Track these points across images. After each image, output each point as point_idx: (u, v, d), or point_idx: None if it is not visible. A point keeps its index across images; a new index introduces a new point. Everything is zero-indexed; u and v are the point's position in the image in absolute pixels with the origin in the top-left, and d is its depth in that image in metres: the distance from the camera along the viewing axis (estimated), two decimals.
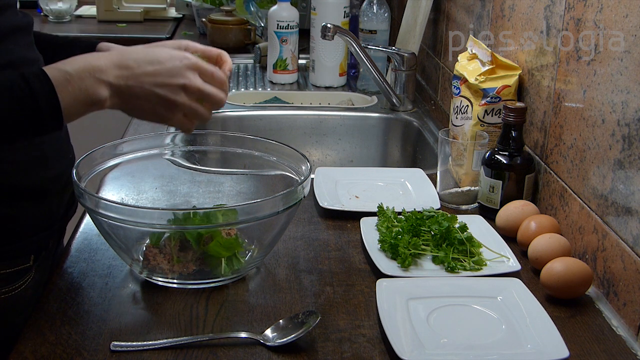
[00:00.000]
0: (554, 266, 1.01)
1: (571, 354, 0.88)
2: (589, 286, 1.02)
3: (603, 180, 1.03)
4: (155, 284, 1.02)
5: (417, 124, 1.81)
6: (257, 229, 1.06)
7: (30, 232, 1.05)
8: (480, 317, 0.97)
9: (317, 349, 0.90)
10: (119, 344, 0.89)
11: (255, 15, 2.49)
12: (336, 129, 1.86)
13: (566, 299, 1.02)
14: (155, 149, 1.17)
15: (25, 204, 1.03)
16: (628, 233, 0.96)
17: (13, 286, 1.03)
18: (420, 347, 0.89)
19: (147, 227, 0.97)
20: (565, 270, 1.00)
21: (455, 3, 1.79)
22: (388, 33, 2.04)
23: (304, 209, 1.28)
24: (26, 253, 1.05)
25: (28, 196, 1.03)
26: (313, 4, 2.04)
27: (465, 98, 1.35)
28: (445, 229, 1.11)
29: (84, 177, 1.04)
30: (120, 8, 2.96)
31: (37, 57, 1.07)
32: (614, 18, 0.99)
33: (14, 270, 1.03)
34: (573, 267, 1.01)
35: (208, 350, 0.89)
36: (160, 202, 1.20)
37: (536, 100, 1.27)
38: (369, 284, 1.04)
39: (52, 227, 1.10)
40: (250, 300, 1.01)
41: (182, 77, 0.92)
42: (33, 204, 1.04)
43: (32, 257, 1.06)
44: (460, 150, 1.29)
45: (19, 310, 1.03)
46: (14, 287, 1.03)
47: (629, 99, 0.96)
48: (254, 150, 1.18)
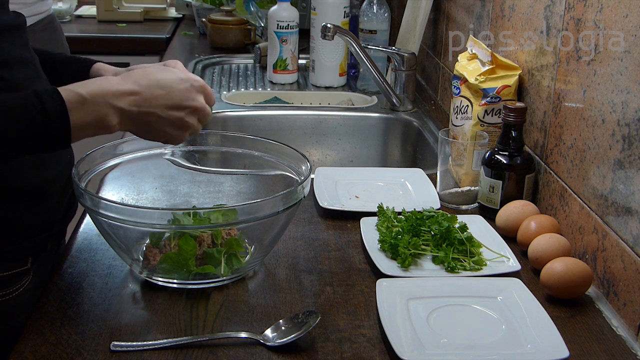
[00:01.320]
0: (554, 266, 1.01)
1: (571, 354, 0.88)
2: (589, 286, 1.02)
3: (603, 180, 1.03)
4: (155, 284, 1.02)
5: (417, 124, 1.81)
6: (257, 229, 1.06)
7: (28, 235, 1.04)
8: (480, 317, 0.97)
9: (317, 349, 0.90)
10: (119, 344, 0.89)
11: (255, 15, 2.49)
12: (336, 129, 1.86)
13: (566, 299, 1.02)
14: (155, 149, 1.17)
15: (21, 205, 1.02)
16: (628, 233, 0.96)
17: (10, 289, 1.02)
18: (420, 347, 0.89)
19: (147, 227, 0.97)
20: (565, 271, 1.00)
21: (455, 3, 1.79)
22: (388, 33, 2.04)
23: (304, 209, 1.28)
24: (23, 256, 1.04)
25: (25, 198, 1.03)
26: (313, 4, 2.04)
27: (465, 98, 1.35)
28: (445, 229, 1.11)
29: (84, 177, 1.04)
30: (120, 8, 2.96)
31: (32, 57, 1.07)
32: (614, 18, 0.99)
33: (11, 273, 1.02)
34: (573, 267, 1.01)
35: (208, 350, 0.89)
36: (160, 202, 1.20)
37: (536, 100, 1.27)
38: (369, 284, 1.04)
39: (50, 229, 1.09)
40: (250, 300, 1.01)
41: (192, 100, 0.95)
42: (30, 205, 1.04)
43: (30, 260, 1.05)
44: (460, 150, 1.29)
45: (16, 313, 1.03)
46: (11, 290, 1.02)
47: (629, 99, 0.96)
48: (254, 150, 1.18)
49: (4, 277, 1.02)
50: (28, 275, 1.05)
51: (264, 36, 2.41)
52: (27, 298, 1.05)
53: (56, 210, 1.10)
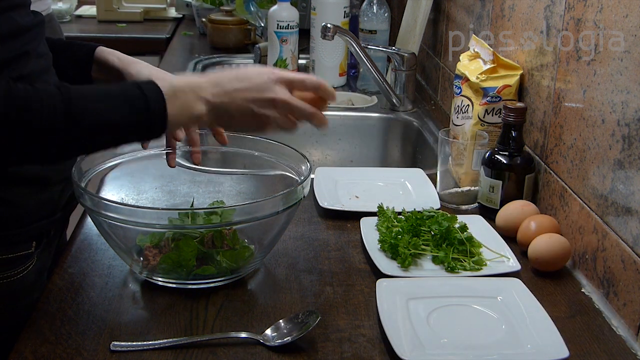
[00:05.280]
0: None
1: (571, 354, 0.88)
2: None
3: (603, 180, 1.03)
4: (155, 284, 1.02)
5: (417, 124, 1.81)
6: (257, 229, 1.06)
7: (32, 219, 1.06)
8: (480, 317, 0.97)
9: (317, 349, 0.90)
10: (119, 344, 0.89)
11: (255, 15, 2.49)
12: (336, 129, 1.86)
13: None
14: (155, 149, 1.17)
15: (26, 190, 1.04)
16: (628, 233, 0.96)
17: (15, 271, 1.04)
18: (420, 347, 0.89)
19: (147, 227, 0.97)
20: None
21: (455, 3, 1.79)
22: (388, 33, 2.04)
23: (304, 209, 1.28)
24: (27, 239, 1.06)
25: (29, 183, 1.05)
26: (313, 4, 2.04)
27: (466, 97, 1.35)
28: (445, 229, 1.11)
29: (84, 177, 1.04)
30: (120, 8, 2.96)
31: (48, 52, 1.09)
32: (614, 18, 0.99)
33: (16, 255, 1.04)
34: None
35: (208, 350, 0.89)
36: (160, 202, 1.20)
37: (536, 100, 1.27)
38: (369, 284, 1.04)
39: (53, 215, 1.11)
40: (250, 300, 1.01)
41: (270, 92, 0.96)
42: (34, 191, 1.06)
43: (34, 244, 1.07)
44: (460, 150, 1.29)
45: (21, 294, 1.06)
46: (16, 271, 1.05)
47: (629, 99, 0.96)
48: (254, 150, 1.18)
49: (8, 259, 1.04)
50: (32, 259, 1.07)
51: (264, 36, 2.41)
52: (32, 281, 1.07)
53: (60, 197, 1.12)
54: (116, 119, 0.88)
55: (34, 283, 1.07)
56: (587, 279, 1.07)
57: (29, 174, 1.04)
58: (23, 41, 0.99)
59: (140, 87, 0.89)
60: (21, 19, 0.98)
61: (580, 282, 1.07)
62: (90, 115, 0.86)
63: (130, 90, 0.89)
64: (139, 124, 0.89)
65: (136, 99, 0.88)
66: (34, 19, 1.04)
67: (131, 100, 0.88)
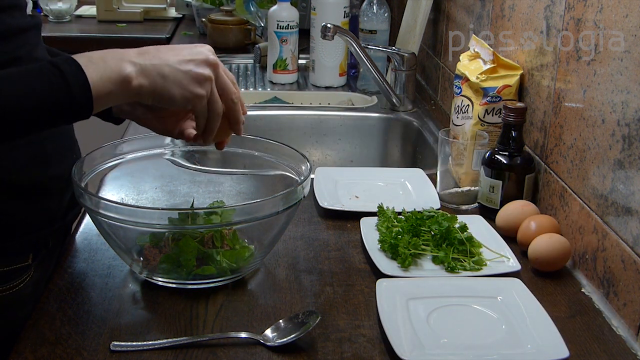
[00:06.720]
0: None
1: (571, 354, 0.88)
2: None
3: (603, 180, 1.03)
4: (155, 284, 1.02)
5: (417, 124, 1.81)
6: (257, 229, 1.06)
7: (29, 230, 1.04)
8: (480, 317, 0.97)
9: (317, 349, 0.90)
10: (119, 344, 0.89)
11: (255, 15, 2.49)
12: (336, 129, 1.86)
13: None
14: (155, 149, 1.17)
15: (23, 201, 1.02)
16: (628, 233, 0.96)
17: (11, 284, 1.03)
18: (420, 347, 0.89)
19: (147, 227, 0.97)
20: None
21: (455, 3, 1.79)
22: (388, 33, 2.04)
23: (304, 209, 1.28)
24: (24, 251, 1.04)
25: (27, 194, 1.03)
26: (313, 4, 2.04)
27: (466, 97, 1.35)
28: (445, 229, 1.11)
29: (84, 177, 1.04)
30: (120, 8, 2.96)
31: (45, 56, 1.07)
32: (614, 18, 0.99)
33: (12, 268, 1.03)
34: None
35: (208, 350, 0.89)
36: (160, 202, 1.20)
37: (536, 100, 1.27)
38: (369, 284, 1.04)
39: (52, 226, 1.09)
40: (250, 300, 1.01)
41: (203, 55, 0.93)
42: (32, 201, 1.04)
43: (31, 256, 1.05)
44: (460, 150, 1.29)
45: (17, 308, 1.03)
46: (12, 285, 1.03)
47: (629, 99, 0.96)
48: (254, 150, 1.18)
49: (4, 272, 1.02)
50: (29, 272, 1.05)
51: (264, 36, 2.41)
52: (28, 294, 1.05)
53: (58, 208, 1.11)
54: (33, 101, 0.83)
55: (30, 297, 1.05)
56: (587, 279, 1.07)
57: (27, 184, 1.02)
58: (16, 44, 0.97)
59: (54, 63, 0.85)
60: (13, 21, 0.96)
61: (580, 282, 1.07)
62: None
63: (45, 68, 0.85)
64: (61, 102, 0.84)
65: (52, 75, 0.84)
66: (30, 22, 1.01)
67: (48, 78, 0.84)
